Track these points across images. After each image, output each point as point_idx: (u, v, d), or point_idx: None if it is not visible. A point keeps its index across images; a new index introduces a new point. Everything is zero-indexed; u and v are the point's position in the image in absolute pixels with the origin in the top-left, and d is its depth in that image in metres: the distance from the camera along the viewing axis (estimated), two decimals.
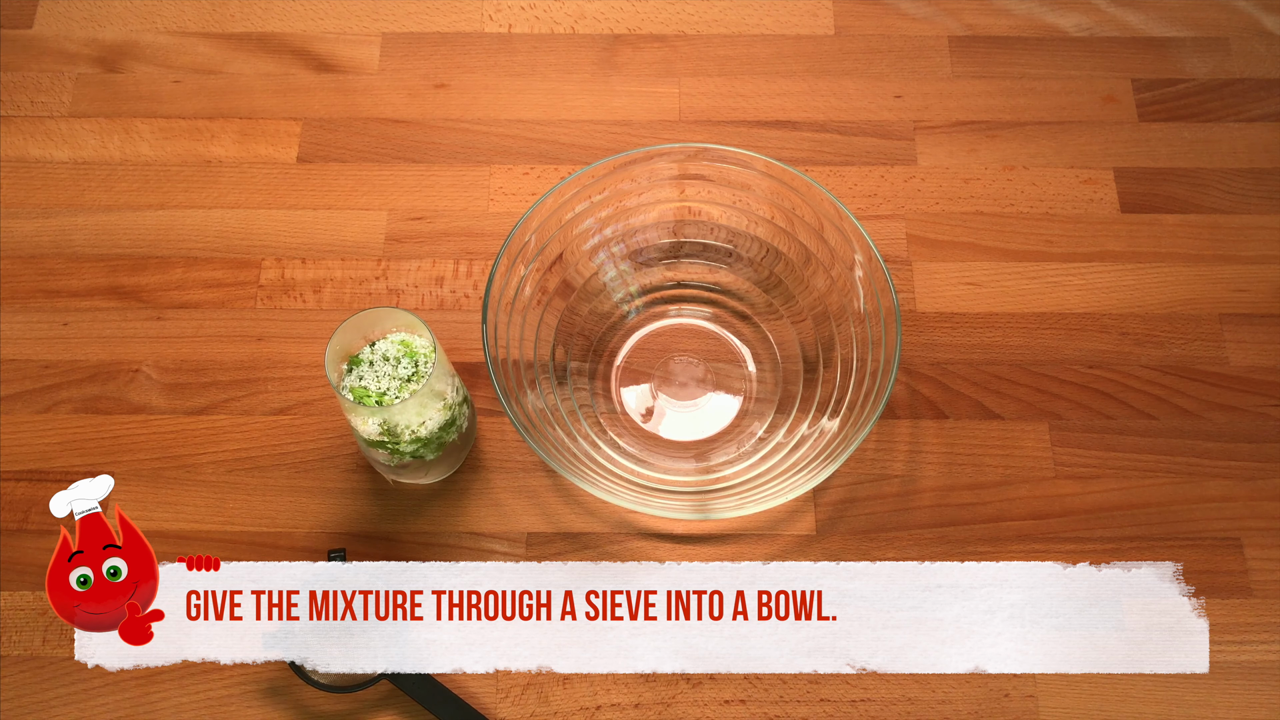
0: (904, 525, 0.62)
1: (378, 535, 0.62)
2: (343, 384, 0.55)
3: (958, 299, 0.69)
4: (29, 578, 0.61)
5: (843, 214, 0.61)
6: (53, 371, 0.66)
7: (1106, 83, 0.76)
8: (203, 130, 0.74)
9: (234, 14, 0.78)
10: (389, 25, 0.78)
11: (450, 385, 0.57)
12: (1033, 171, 0.73)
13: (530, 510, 0.63)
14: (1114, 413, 0.66)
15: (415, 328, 0.56)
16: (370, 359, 0.56)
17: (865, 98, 0.75)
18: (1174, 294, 0.69)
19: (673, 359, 0.67)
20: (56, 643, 0.59)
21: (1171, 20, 0.78)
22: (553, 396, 0.64)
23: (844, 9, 0.79)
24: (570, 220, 0.64)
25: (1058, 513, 0.63)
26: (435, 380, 0.54)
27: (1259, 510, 0.63)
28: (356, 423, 0.55)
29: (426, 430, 0.56)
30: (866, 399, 0.58)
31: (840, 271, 0.63)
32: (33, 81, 0.76)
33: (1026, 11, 0.79)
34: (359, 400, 0.54)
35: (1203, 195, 0.72)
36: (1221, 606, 0.60)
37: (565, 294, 0.66)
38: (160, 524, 0.62)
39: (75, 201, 0.72)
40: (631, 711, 0.58)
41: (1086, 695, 0.58)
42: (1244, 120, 0.75)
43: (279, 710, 0.58)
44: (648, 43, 0.77)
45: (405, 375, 0.55)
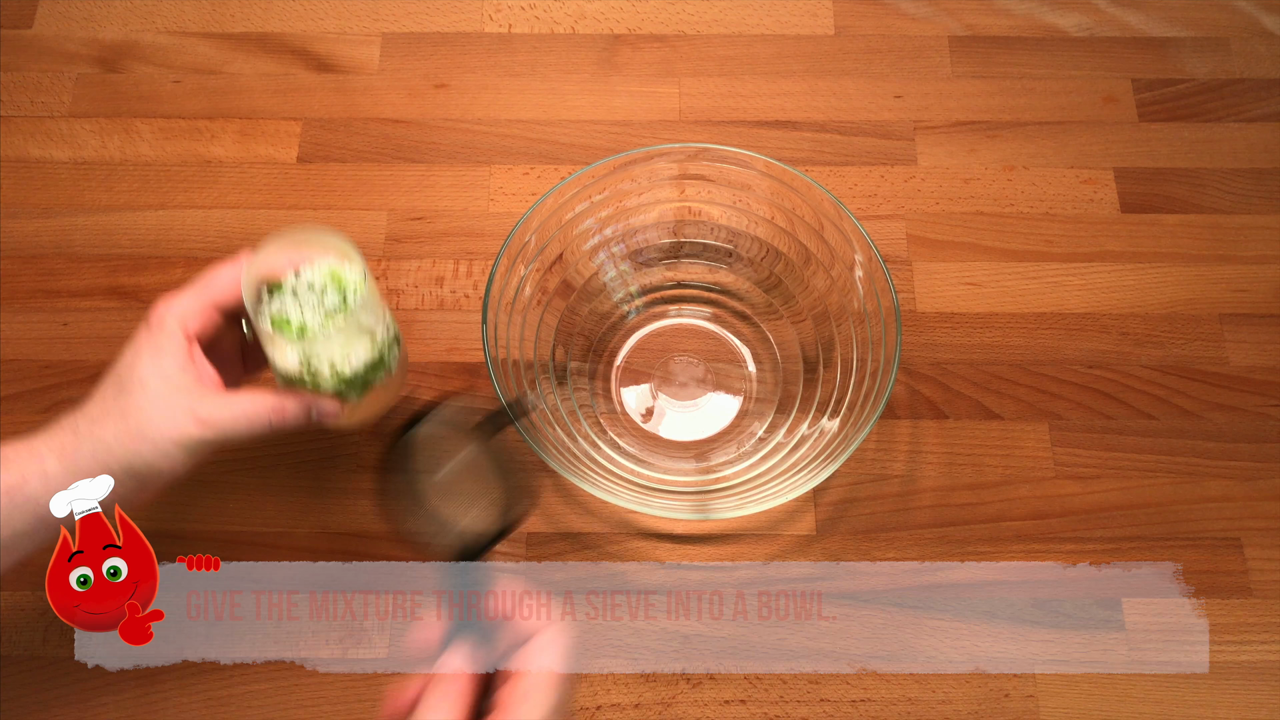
0: (904, 525, 0.62)
1: (378, 535, 0.62)
2: (260, 310, 0.50)
3: (958, 299, 0.69)
4: (29, 578, 0.61)
5: (843, 214, 0.61)
6: (53, 371, 0.66)
7: (1106, 83, 0.76)
8: (203, 130, 0.74)
9: (234, 14, 0.78)
10: (389, 25, 0.78)
11: (380, 322, 0.52)
12: (1033, 171, 0.73)
13: (530, 510, 0.63)
14: (1114, 413, 0.66)
15: (347, 255, 0.51)
16: (294, 287, 0.51)
17: (865, 98, 0.75)
18: (1174, 294, 0.69)
19: (673, 359, 0.67)
20: (56, 643, 0.59)
21: (1171, 20, 0.78)
22: (553, 396, 0.64)
23: (844, 9, 0.79)
24: (570, 220, 0.64)
25: (1058, 513, 0.63)
26: (363, 314, 0.50)
27: (1259, 510, 0.63)
28: (275, 355, 0.50)
29: (350, 369, 0.50)
30: (866, 399, 0.58)
31: (840, 271, 0.63)
32: (33, 81, 0.76)
33: (1026, 11, 0.79)
34: (278, 330, 0.50)
35: (1203, 195, 0.72)
36: (1221, 606, 0.60)
37: (565, 294, 0.66)
38: (160, 524, 0.62)
39: (75, 201, 0.72)
40: (631, 711, 0.58)
41: (1086, 695, 0.58)
42: (1244, 120, 0.75)
43: (279, 710, 0.58)
44: (648, 43, 0.77)
45: (331, 307, 0.51)
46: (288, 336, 0.50)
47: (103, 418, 0.48)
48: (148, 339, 0.49)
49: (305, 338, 0.50)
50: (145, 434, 0.47)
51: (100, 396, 0.49)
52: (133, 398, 0.48)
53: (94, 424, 0.48)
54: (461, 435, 0.46)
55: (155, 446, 0.48)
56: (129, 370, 0.49)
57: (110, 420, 0.48)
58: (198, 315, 0.50)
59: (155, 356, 0.49)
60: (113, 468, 0.48)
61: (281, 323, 0.50)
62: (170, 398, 0.48)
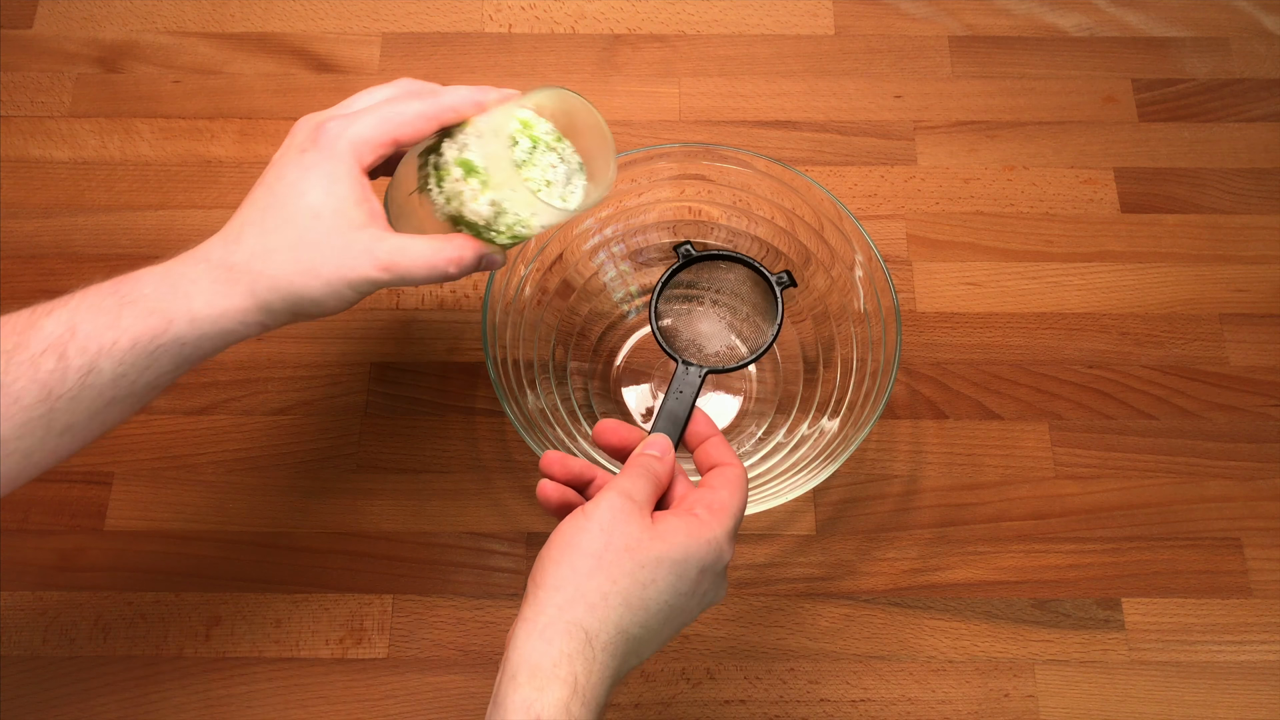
0: (904, 525, 0.62)
1: (378, 535, 0.62)
2: (453, 150, 0.45)
3: (958, 299, 0.69)
4: (29, 578, 0.61)
5: (843, 214, 0.61)
6: None
7: (1106, 83, 0.76)
8: (203, 130, 0.74)
9: (234, 14, 0.78)
10: (389, 25, 0.78)
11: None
12: (1033, 171, 0.73)
13: (530, 510, 0.63)
14: (1114, 413, 0.66)
15: (603, 134, 0.47)
16: (511, 133, 0.46)
17: (865, 98, 0.75)
18: (1174, 294, 0.69)
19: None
20: (56, 643, 0.59)
21: (1171, 20, 0.78)
22: (553, 396, 0.64)
23: (844, 9, 0.79)
24: (570, 220, 0.64)
25: (1058, 513, 0.63)
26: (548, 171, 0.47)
27: (1259, 510, 0.63)
28: (465, 193, 0.45)
29: (538, 224, 0.46)
30: (866, 399, 0.58)
31: (840, 271, 0.63)
32: (33, 81, 0.76)
33: (1026, 11, 0.79)
34: (471, 174, 0.45)
35: (1203, 195, 0.72)
36: (1221, 606, 0.60)
37: (565, 294, 0.66)
38: (160, 524, 0.62)
39: (75, 201, 0.72)
40: (631, 711, 0.58)
41: (1086, 695, 0.58)
42: (1244, 120, 0.75)
43: (279, 710, 0.58)
44: (648, 43, 0.77)
45: (519, 159, 0.47)
46: (481, 181, 0.45)
47: (267, 252, 0.43)
48: (319, 161, 0.43)
49: (493, 187, 0.45)
50: (318, 271, 0.42)
51: (258, 222, 0.43)
52: (303, 230, 0.43)
53: (256, 258, 0.43)
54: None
55: (327, 285, 0.43)
56: (295, 196, 0.43)
57: (278, 255, 0.42)
58: (375, 148, 0.44)
59: (330, 184, 0.43)
60: (275, 305, 0.43)
61: (472, 167, 0.45)
62: (347, 234, 0.43)
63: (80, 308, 0.41)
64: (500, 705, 0.39)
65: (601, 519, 0.42)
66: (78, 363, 0.40)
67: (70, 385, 0.40)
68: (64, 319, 0.41)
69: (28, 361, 0.40)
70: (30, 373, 0.40)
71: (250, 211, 0.44)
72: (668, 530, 0.42)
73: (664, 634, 0.43)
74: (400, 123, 0.45)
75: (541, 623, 0.40)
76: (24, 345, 0.40)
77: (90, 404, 0.41)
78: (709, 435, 0.49)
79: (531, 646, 0.39)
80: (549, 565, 0.42)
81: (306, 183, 0.43)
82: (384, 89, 0.47)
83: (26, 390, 0.40)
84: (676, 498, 0.46)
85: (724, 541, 0.43)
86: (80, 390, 0.41)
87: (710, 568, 0.43)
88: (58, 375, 0.40)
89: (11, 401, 0.40)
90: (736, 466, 0.47)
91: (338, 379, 0.66)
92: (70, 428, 0.41)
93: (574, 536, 0.42)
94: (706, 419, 0.50)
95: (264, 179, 0.45)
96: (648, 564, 0.41)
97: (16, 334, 0.40)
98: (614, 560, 0.41)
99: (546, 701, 0.38)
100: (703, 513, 0.44)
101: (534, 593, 0.41)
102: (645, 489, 0.44)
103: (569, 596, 0.40)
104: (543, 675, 0.39)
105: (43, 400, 0.40)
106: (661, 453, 0.46)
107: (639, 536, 0.42)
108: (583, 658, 0.39)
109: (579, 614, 0.40)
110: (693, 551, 0.42)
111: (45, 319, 0.41)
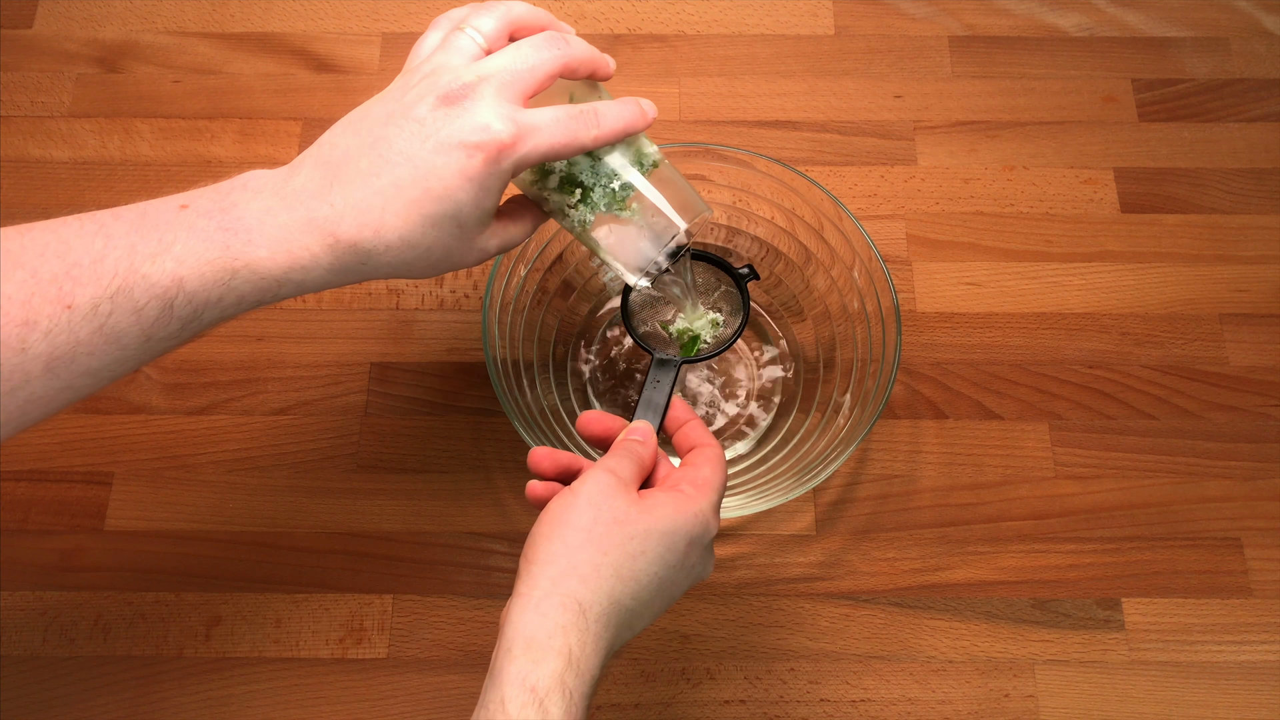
0: (904, 525, 0.62)
1: (378, 535, 0.62)
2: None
3: (958, 299, 0.69)
4: (29, 578, 0.61)
5: (842, 214, 0.61)
6: None
7: (1106, 83, 0.76)
8: (203, 130, 0.74)
9: (234, 14, 0.78)
10: (389, 25, 0.78)
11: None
12: (1033, 171, 0.73)
13: (530, 510, 0.63)
14: (1114, 413, 0.66)
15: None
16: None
17: (865, 98, 0.75)
18: (1174, 294, 0.69)
19: None
20: (56, 643, 0.59)
21: (1171, 20, 0.78)
22: (552, 396, 0.64)
23: (844, 9, 0.79)
24: None
25: (1058, 513, 0.63)
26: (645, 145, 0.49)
27: (1259, 510, 0.63)
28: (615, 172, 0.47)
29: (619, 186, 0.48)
30: (866, 399, 0.58)
31: (840, 271, 0.63)
32: (33, 81, 0.76)
33: (1026, 11, 0.79)
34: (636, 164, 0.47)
35: (1203, 195, 0.72)
36: (1221, 606, 0.60)
37: (565, 294, 0.66)
38: (160, 524, 0.62)
39: (75, 201, 0.72)
40: (631, 711, 0.58)
41: (1086, 695, 0.58)
42: (1244, 120, 0.75)
43: (279, 710, 0.58)
44: (648, 43, 0.77)
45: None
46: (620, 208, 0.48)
47: (403, 251, 0.42)
48: (486, 174, 0.41)
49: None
50: (442, 268, 0.44)
51: (401, 214, 0.41)
52: (449, 241, 0.43)
53: (390, 251, 0.42)
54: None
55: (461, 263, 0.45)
56: (451, 204, 0.42)
57: (410, 258, 0.43)
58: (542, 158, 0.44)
59: (484, 197, 0.42)
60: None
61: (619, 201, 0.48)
62: (476, 242, 0.44)
63: (186, 258, 0.40)
64: (496, 678, 0.40)
65: (590, 495, 0.43)
66: (183, 313, 0.40)
67: (172, 330, 0.41)
68: (168, 268, 0.39)
69: (131, 310, 0.39)
70: (134, 320, 0.39)
71: (394, 198, 0.41)
72: (655, 504, 0.44)
73: (655, 606, 0.44)
74: (576, 145, 0.44)
75: (536, 596, 0.41)
76: (126, 290, 0.39)
77: (166, 344, 0.42)
78: (687, 420, 0.51)
79: (526, 620, 0.40)
80: (540, 541, 0.43)
81: (464, 193, 0.41)
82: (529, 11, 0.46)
83: (127, 332, 0.40)
84: (660, 478, 0.48)
85: (709, 514, 0.45)
86: (180, 331, 0.41)
87: (698, 540, 0.44)
88: (161, 323, 0.40)
89: (111, 341, 0.39)
90: (715, 446, 0.49)
91: (338, 379, 0.66)
92: (140, 361, 0.42)
93: (563, 513, 0.43)
94: (684, 405, 0.52)
95: (409, 155, 0.42)
96: (637, 535, 0.43)
97: (119, 277, 0.39)
98: (604, 533, 0.42)
99: (542, 673, 0.39)
100: (687, 488, 0.45)
101: (527, 569, 0.42)
102: (630, 468, 0.46)
103: (561, 570, 0.41)
104: (538, 648, 0.40)
105: (143, 344, 0.40)
106: (644, 437, 0.48)
107: (627, 510, 0.43)
108: (577, 629, 0.40)
109: (572, 586, 0.41)
110: (680, 524, 0.44)
111: (149, 265, 0.39)
